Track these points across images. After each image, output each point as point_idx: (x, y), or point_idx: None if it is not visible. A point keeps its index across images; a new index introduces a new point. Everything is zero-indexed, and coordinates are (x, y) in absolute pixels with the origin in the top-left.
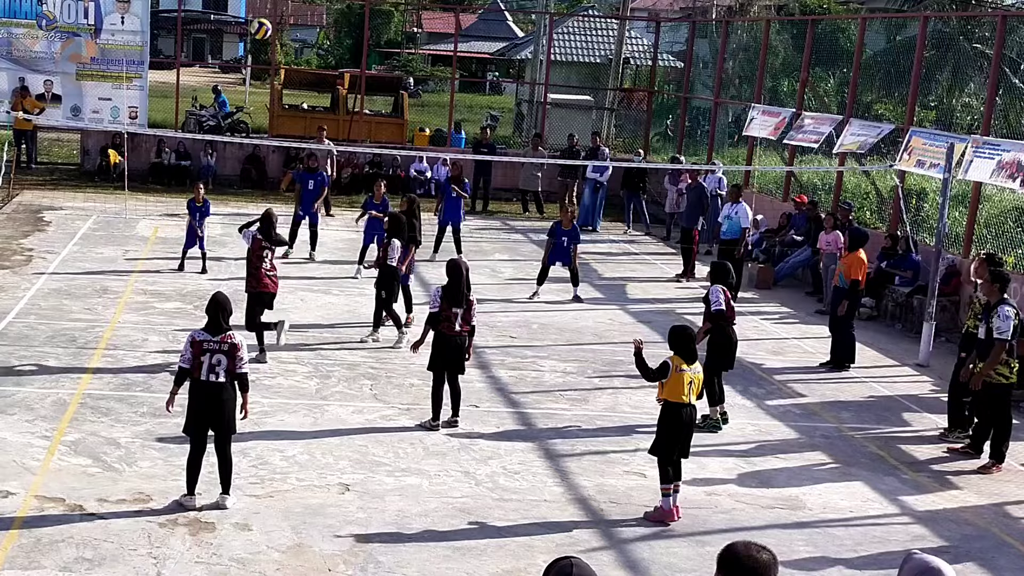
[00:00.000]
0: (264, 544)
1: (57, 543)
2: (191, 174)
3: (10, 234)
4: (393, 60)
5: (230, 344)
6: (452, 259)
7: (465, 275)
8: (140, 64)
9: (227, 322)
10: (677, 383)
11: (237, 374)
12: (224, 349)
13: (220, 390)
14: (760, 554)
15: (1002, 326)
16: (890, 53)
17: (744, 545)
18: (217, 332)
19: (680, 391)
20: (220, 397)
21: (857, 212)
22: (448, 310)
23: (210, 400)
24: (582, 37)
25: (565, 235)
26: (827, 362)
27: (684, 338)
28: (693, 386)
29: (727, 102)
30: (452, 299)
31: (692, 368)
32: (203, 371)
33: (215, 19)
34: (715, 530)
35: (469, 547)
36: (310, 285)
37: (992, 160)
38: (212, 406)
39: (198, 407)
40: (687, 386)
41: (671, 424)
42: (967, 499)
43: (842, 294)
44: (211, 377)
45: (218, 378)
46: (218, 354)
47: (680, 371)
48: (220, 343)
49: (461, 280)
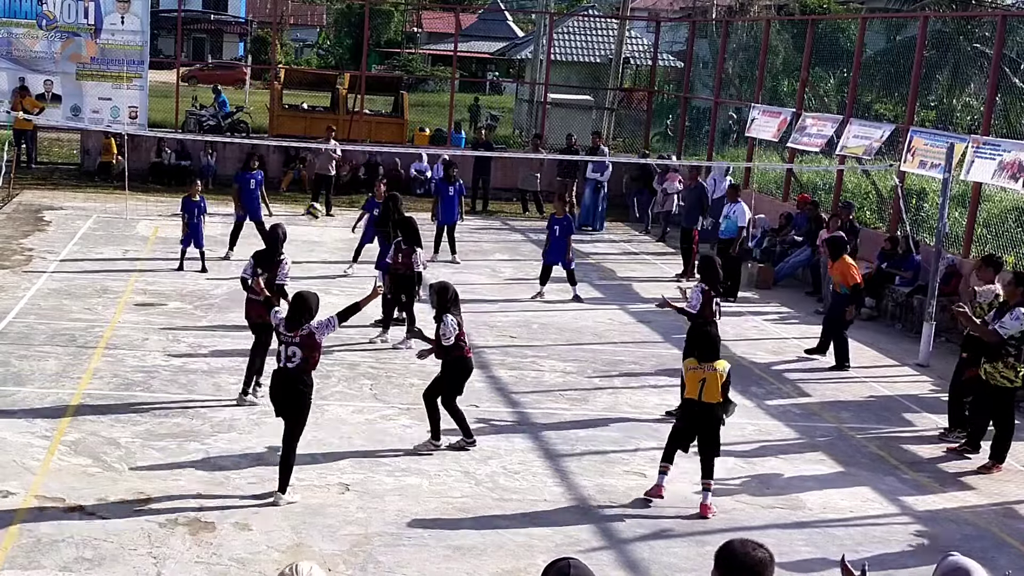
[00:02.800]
0: (264, 544)
1: (57, 543)
2: (191, 174)
3: (10, 234)
4: (393, 60)
5: (302, 337)
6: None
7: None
8: (140, 64)
9: (308, 320)
10: (690, 380)
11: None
12: (297, 342)
13: (291, 377)
14: (756, 552)
15: (1008, 323)
16: (890, 53)
17: (741, 543)
18: (292, 329)
19: (693, 388)
20: (292, 384)
21: (857, 212)
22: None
23: (284, 385)
24: (582, 37)
25: (557, 224)
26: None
27: (698, 338)
28: (707, 383)
29: (727, 102)
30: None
31: (706, 366)
32: (280, 359)
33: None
34: (715, 530)
35: (469, 547)
36: (310, 285)
37: (993, 160)
38: (286, 392)
39: (273, 393)
40: (699, 383)
41: (684, 418)
42: (967, 499)
43: (844, 300)
44: (287, 364)
45: (294, 363)
46: (293, 346)
47: (691, 369)
48: (294, 336)
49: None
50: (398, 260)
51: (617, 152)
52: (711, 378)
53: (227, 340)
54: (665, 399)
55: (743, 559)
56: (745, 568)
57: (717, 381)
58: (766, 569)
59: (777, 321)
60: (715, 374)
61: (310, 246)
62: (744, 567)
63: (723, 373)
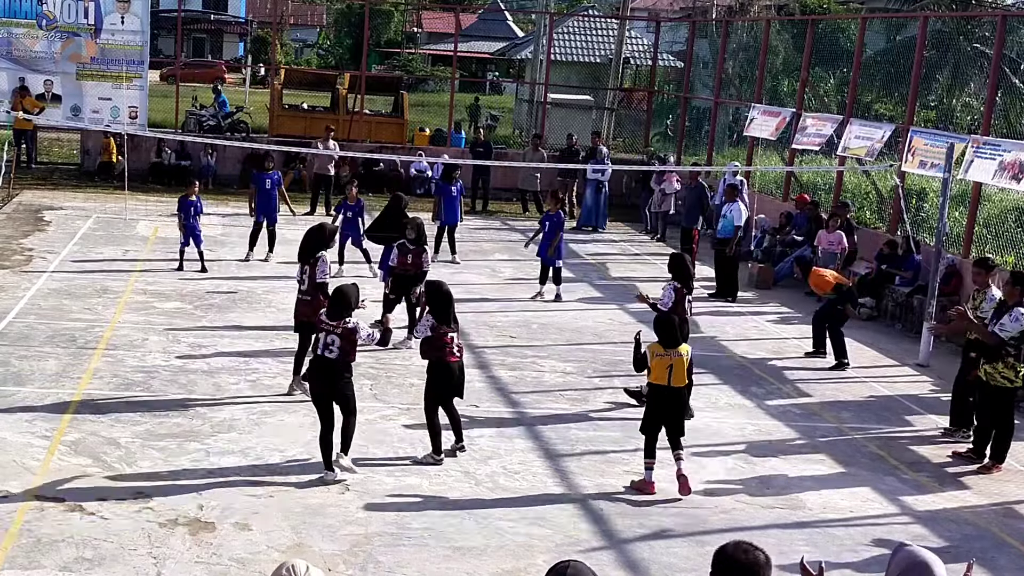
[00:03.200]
0: (264, 544)
1: (57, 543)
2: (191, 174)
3: (10, 234)
4: (393, 60)
5: (344, 329)
6: (433, 281)
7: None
8: (140, 64)
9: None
10: (657, 368)
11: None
12: (339, 332)
13: (331, 365)
14: (752, 554)
15: (1008, 325)
16: (890, 53)
17: (735, 545)
18: (335, 318)
19: (661, 375)
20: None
21: (857, 212)
22: (444, 336)
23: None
24: (582, 37)
25: (548, 220)
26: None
27: (661, 326)
28: (674, 369)
29: (727, 102)
30: (445, 320)
31: (672, 352)
32: (319, 347)
33: (215, 19)
34: (715, 530)
35: (469, 547)
36: None
37: (994, 161)
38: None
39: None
40: (667, 370)
41: (654, 404)
42: (967, 499)
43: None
44: (326, 353)
45: (332, 355)
46: (333, 335)
47: (658, 356)
48: (336, 327)
49: (451, 301)
50: (407, 261)
51: (617, 152)
52: (677, 363)
53: (227, 340)
54: None
55: (739, 562)
56: (742, 570)
57: (683, 365)
58: (762, 570)
59: (777, 321)
60: (681, 359)
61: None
62: (742, 569)
63: (687, 357)
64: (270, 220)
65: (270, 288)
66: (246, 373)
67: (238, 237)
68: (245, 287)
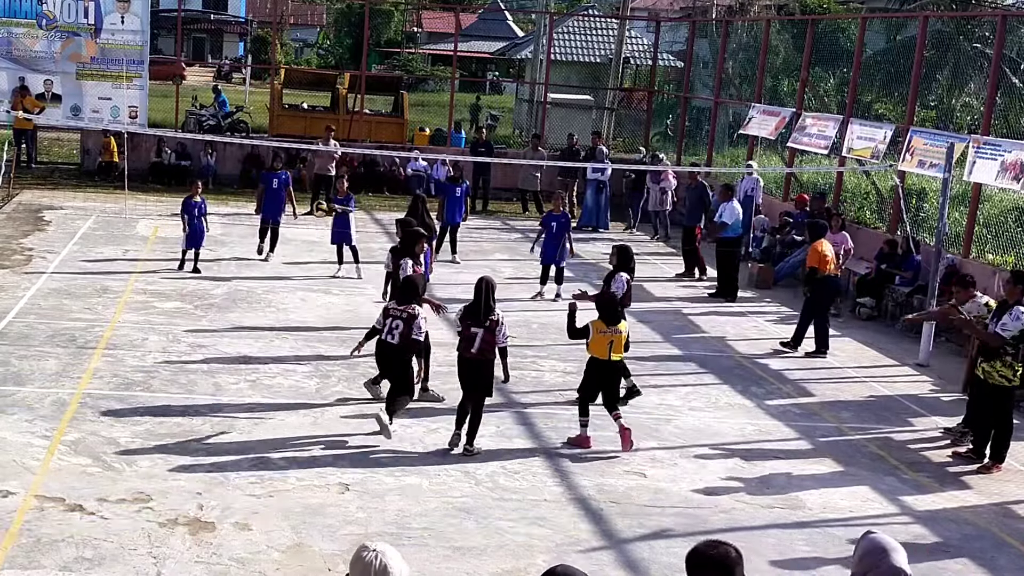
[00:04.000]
0: (264, 544)
1: (57, 543)
2: (191, 174)
3: (10, 234)
4: (393, 60)
5: (409, 314)
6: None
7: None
8: (140, 64)
9: (416, 300)
10: (599, 343)
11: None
12: (403, 317)
13: (392, 349)
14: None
15: (1009, 324)
16: (890, 53)
17: (707, 543)
18: (403, 303)
19: (602, 350)
20: (393, 354)
21: (857, 212)
22: (467, 329)
23: (386, 357)
24: (582, 37)
25: (554, 220)
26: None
27: (605, 305)
28: (614, 345)
29: (727, 102)
30: (472, 315)
31: (612, 329)
32: (384, 332)
33: (215, 19)
34: (715, 530)
35: (469, 547)
36: (310, 285)
37: (995, 161)
38: (387, 362)
39: (379, 359)
40: (607, 345)
41: (593, 374)
42: (967, 499)
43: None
44: (388, 338)
45: (394, 340)
46: (398, 320)
47: (601, 333)
48: (403, 312)
49: (481, 297)
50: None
51: (617, 152)
52: (617, 339)
53: (227, 340)
54: (665, 399)
55: (710, 557)
56: (714, 566)
57: (621, 341)
58: (733, 564)
59: (777, 321)
60: (620, 336)
61: (309, 246)
62: (712, 565)
63: (625, 334)
64: (274, 220)
65: (270, 288)
66: (246, 373)
67: (238, 237)
68: (245, 287)
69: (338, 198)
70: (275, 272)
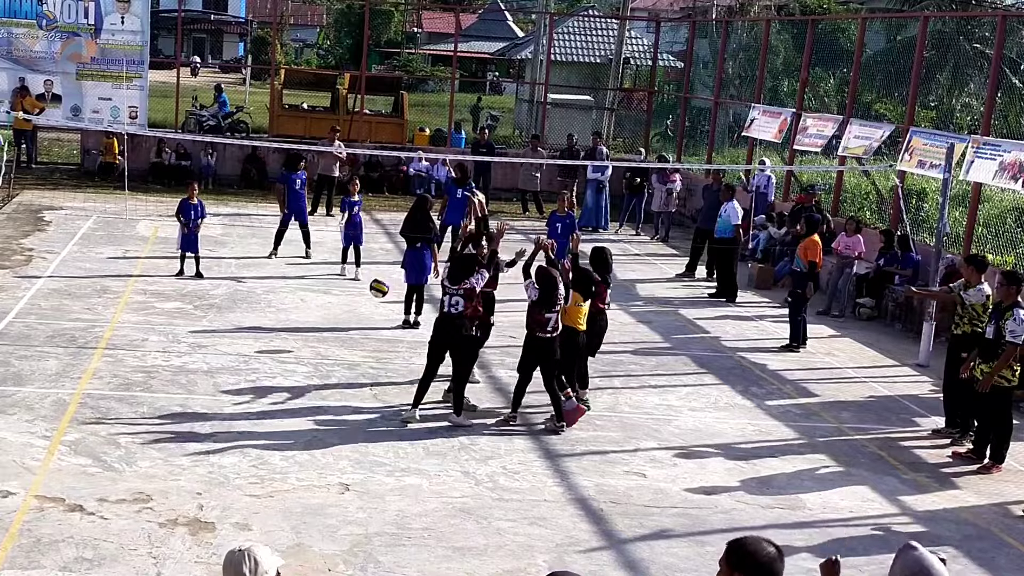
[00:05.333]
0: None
1: (57, 543)
2: (191, 174)
3: (10, 234)
4: (393, 60)
5: (465, 289)
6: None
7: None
8: (140, 64)
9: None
10: (576, 312)
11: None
12: (461, 293)
13: (454, 318)
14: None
15: (1016, 329)
16: (890, 53)
17: (755, 540)
18: (455, 283)
19: (577, 319)
20: (456, 326)
21: (857, 212)
22: (540, 314)
23: (447, 328)
24: (582, 37)
25: (559, 221)
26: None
27: (585, 278)
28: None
29: (727, 102)
30: (545, 303)
31: (586, 304)
32: (445, 306)
33: (215, 19)
34: (715, 530)
35: (469, 547)
36: (310, 285)
37: (994, 161)
38: (449, 333)
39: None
40: (583, 316)
41: (571, 345)
42: (967, 499)
43: (802, 277)
44: (451, 310)
45: (456, 310)
46: (456, 296)
47: (578, 306)
48: (458, 288)
49: (556, 286)
50: None
51: (617, 152)
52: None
53: (227, 340)
54: (665, 399)
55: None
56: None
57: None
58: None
59: (777, 321)
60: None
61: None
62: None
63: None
64: (302, 219)
65: (270, 288)
66: (246, 373)
67: (238, 237)
68: (245, 287)
69: (351, 200)
70: (275, 272)
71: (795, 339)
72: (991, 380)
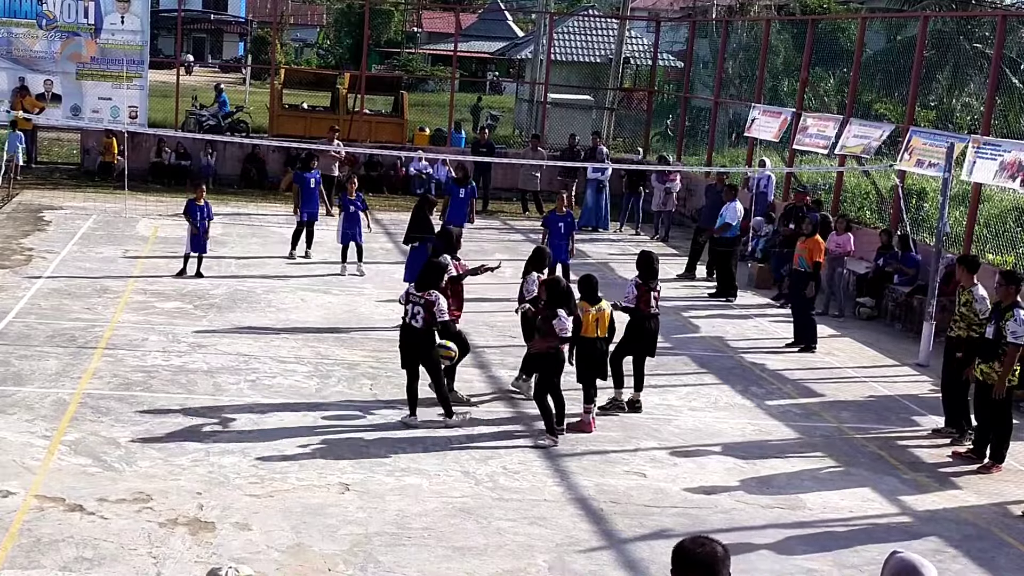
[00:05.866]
0: (264, 544)
1: (57, 543)
2: (191, 174)
3: (10, 234)
4: (393, 60)
5: (426, 300)
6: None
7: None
8: (140, 64)
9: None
10: (586, 322)
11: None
12: (422, 303)
13: (416, 333)
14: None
15: (1017, 330)
16: (890, 53)
17: (692, 539)
18: (420, 289)
19: (591, 328)
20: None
21: (857, 212)
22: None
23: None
24: (582, 37)
25: (560, 221)
26: (792, 343)
27: (587, 284)
28: (600, 323)
29: (727, 102)
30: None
31: (596, 308)
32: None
33: (215, 19)
34: (715, 530)
35: (469, 547)
36: (310, 285)
37: (994, 161)
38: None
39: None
40: (593, 323)
41: (587, 355)
42: (967, 499)
43: (806, 277)
44: (412, 322)
45: (417, 323)
46: (417, 306)
47: (586, 313)
48: (421, 298)
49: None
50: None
51: (617, 152)
52: (601, 316)
53: (227, 340)
54: (665, 399)
55: (695, 555)
56: (697, 563)
57: (606, 318)
58: (719, 563)
59: (777, 321)
60: (604, 313)
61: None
62: (696, 563)
63: (608, 311)
64: (312, 217)
65: (270, 288)
66: (246, 373)
67: (238, 237)
68: (245, 287)
69: (348, 198)
70: (275, 272)
71: (809, 340)
72: (1004, 385)
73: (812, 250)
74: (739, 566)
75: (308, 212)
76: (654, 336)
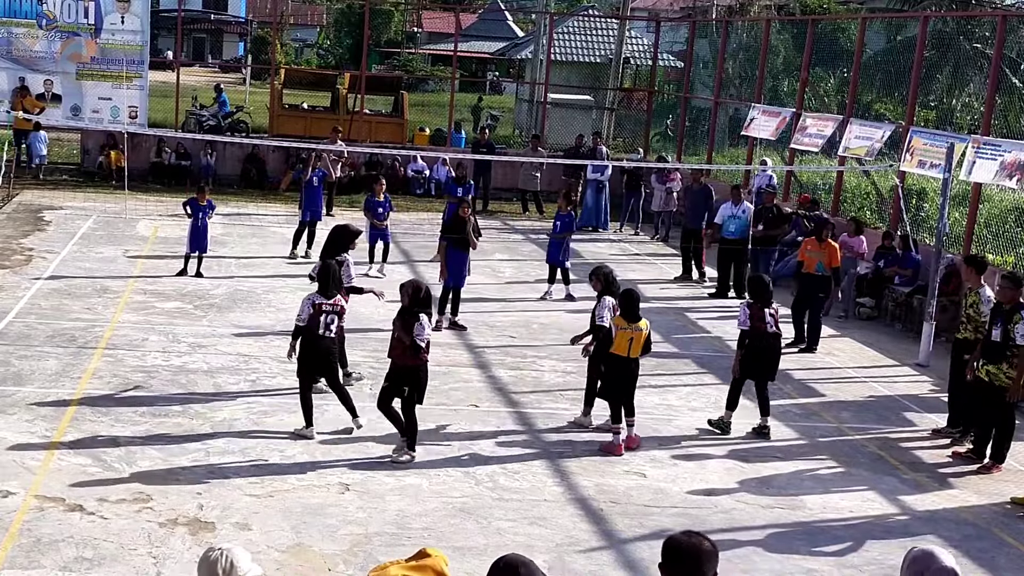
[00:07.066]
0: (264, 544)
1: (57, 543)
2: (191, 174)
3: (10, 234)
4: (393, 60)
5: (340, 307)
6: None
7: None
8: (140, 64)
9: (338, 289)
10: (620, 339)
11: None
12: (336, 311)
13: (331, 344)
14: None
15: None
16: (890, 53)
17: (684, 534)
18: (329, 297)
19: (623, 346)
20: (331, 350)
21: (857, 212)
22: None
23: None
24: (582, 37)
25: (559, 220)
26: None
27: (628, 300)
28: (634, 343)
29: (727, 102)
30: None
31: (633, 327)
32: (320, 327)
33: (215, 19)
34: (715, 530)
35: (469, 547)
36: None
37: (995, 161)
38: (324, 356)
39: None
40: (628, 342)
41: (616, 372)
42: (967, 499)
43: (824, 281)
44: (326, 333)
45: (331, 334)
46: (331, 314)
47: (621, 330)
48: (333, 306)
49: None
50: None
51: (617, 152)
52: (637, 336)
53: (227, 340)
54: (665, 399)
55: (682, 545)
56: (683, 554)
57: (642, 338)
58: (708, 558)
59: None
60: (640, 333)
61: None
62: (683, 554)
63: (646, 331)
64: (316, 217)
65: (270, 288)
66: (246, 373)
67: (238, 237)
68: (245, 287)
69: (375, 200)
70: (275, 272)
71: (812, 340)
72: (1020, 389)
73: (830, 254)
74: (739, 566)
75: (311, 212)
76: (770, 355)
